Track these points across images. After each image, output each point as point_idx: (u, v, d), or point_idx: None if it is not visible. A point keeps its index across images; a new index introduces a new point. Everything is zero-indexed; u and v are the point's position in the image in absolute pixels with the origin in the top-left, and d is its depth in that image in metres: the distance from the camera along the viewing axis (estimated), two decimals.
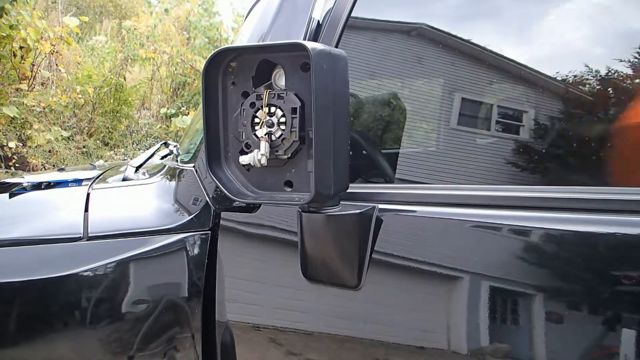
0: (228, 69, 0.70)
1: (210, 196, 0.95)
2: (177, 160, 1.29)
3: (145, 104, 8.18)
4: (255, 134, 0.68)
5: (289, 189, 0.70)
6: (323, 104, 0.62)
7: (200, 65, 7.40)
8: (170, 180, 1.17)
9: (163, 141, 2.04)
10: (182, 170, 1.12)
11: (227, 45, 0.69)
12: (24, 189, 1.25)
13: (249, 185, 0.72)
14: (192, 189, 1.01)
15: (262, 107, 0.68)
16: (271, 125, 0.67)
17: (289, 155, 0.68)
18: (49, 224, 1.03)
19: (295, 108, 0.66)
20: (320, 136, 0.62)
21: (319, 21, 0.98)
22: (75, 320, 0.91)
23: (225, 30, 8.11)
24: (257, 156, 0.66)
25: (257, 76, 0.71)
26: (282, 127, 0.67)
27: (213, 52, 0.69)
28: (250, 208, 0.93)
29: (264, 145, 0.67)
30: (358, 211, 0.71)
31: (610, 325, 0.62)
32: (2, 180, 1.53)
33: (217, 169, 0.72)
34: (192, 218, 0.95)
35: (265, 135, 0.67)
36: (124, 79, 7.42)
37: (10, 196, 1.18)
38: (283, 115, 0.67)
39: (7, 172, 5.21)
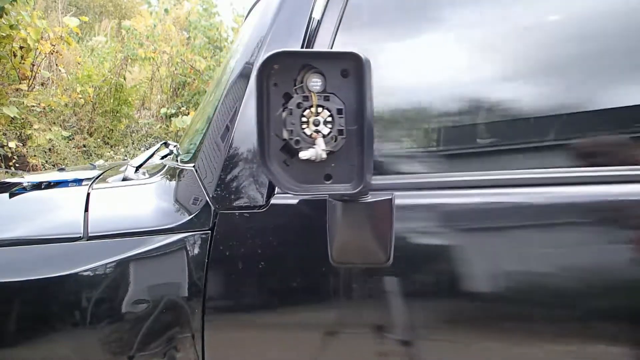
0: (271, 70, 0.75)
1: (211, 196, 0.95)
2: (177, 160, 1.29)
3: (145, 104, 8.18)
4: (304, 132, 0.75)
5: (328, 182, 0.77)
6: (369, 106, 0.72)
7: (200, 65, 7.41)
8: (170, 180, 1.17)
9: (163, 141, 2.04)
10: (182, 170, 1.12)
11: (282, 49, 0.75)
12: (24, 189, 1.25)
13: (290, 180, 0.77)
14: (192, 189, 1.01)
15: (310, 107, 0.75)
16: (318, 123, 0.75)
17: (333, 151, 0.77)
18: (49, 223, 1.03)
19: (341, 109, 0.75)
20: (367, 134, 0.72)
21: (319, 20, 0.98)
22: (75, 320, 0.91)
23: (225, 30, 8.10)
24: (319, 151, 0.74)
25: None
26: (329, 125, 0.75)
27: (270, 53, 0.73)
28: (251, 208, 0.93)
29: (321, 141, 0.74)
30: (390, 197, 0.79)
31: None
32: (2, 180, 1.53)
33: (270, 166, 0.76)
34: (192, 218, 0.95)
35: (316, 132, 0.75)
36: (124, 79, 7.41)
37: (10, 196, 1.18)
38: (330, 115, 0.75)
39: (7, 172, 5.20)
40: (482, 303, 0.88)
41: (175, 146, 1.72)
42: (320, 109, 0.75)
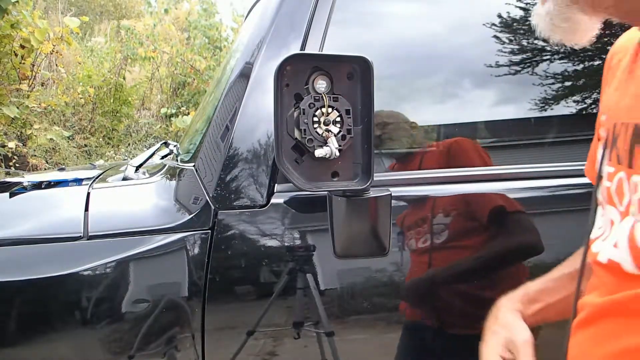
0: (284, 71, 0.78)
1: (211, 195, 0.95)
2: (177, 160, 1.29)
3: (145, 104, 8.18)
4: (317, 131, 0.78)
5: (335, 179, 0.81)
6: (374, 107, 0.78)
7: (200, 65, 7.41)
8: (170, 180, 1.17)
9: (163, 141, 2.04)
10: (182, 170, 1.12)
11: (295, 52, 0.80)
12: (24, 189, 1.25)
13: (301, 178, 0.79)
14: (192, 188, 1.01)
15: (322, 107, 0.79)
16: (328, 123, 0.79)
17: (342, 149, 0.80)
18: (49, 222, 1.03)
19: (349, 109, 0.78)
20: (372, 133, 0.78)
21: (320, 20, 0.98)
22: (75, 320, 0.91)
23: (225, 30, 8.10)
24: (333, 149, 0.78)
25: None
26: (338, 125, 0.79)
27: (288, 55, 0.76)
28: (251, 207, 0.93)
29: (334, 140, 0.78)
30: (389, 192, 0.82)
31: None
32: (2, 180, 1.53)
33: (287, 164, 0.79)
34: (192, 217, 0.95)
35: (327, 132, 0.79)
36: (124, 78, 7.41)
37: (11, 195, 1.18)
38: (339, 116, 0.79)
39: (8, 172, 5.19)
40: None
41: (175, 146, 1.72)
42: (329, 110, 0.79)
